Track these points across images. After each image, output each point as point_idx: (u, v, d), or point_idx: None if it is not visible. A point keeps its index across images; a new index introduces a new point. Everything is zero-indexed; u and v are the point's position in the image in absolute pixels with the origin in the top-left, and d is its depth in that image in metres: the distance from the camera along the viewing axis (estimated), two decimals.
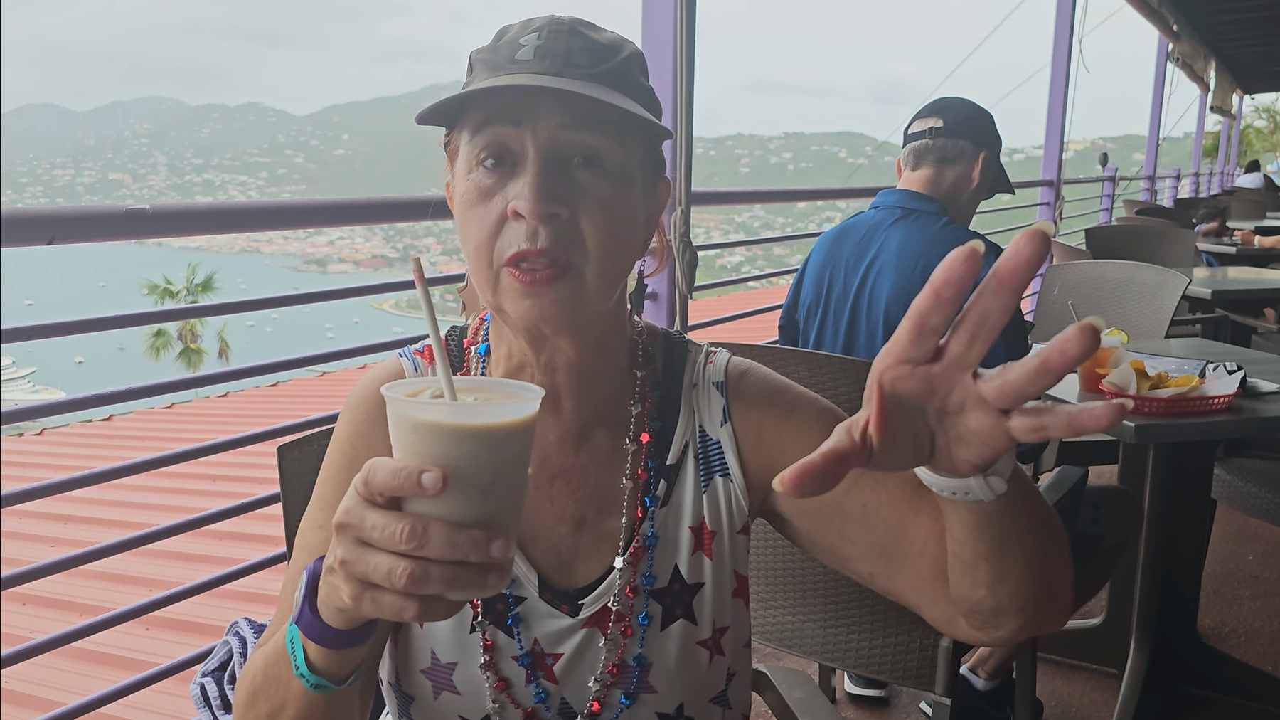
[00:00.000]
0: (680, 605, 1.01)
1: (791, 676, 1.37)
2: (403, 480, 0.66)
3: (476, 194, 0.91)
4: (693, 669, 1.01)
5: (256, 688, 0.87)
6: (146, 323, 1.95)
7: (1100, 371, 2.34)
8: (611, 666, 0.99)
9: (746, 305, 4.38)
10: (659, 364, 1.08)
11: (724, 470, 1.04)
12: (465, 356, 1.07)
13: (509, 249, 0.89)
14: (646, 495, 1.02)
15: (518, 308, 0.90)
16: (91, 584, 3.89)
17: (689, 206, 2.79)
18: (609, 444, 1.03)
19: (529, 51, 0.90)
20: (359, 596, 0.69)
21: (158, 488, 5.24)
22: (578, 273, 0.90)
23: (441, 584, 0.67)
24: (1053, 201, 6.33)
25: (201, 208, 1.87)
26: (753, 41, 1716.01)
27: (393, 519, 0.67)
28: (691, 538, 1.02)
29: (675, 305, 2.81)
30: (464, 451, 0.68)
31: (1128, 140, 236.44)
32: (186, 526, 1.99)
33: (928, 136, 2.39)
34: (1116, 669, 2.68)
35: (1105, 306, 3.52)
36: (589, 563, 1.01)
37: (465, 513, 0.68)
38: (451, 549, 0.66)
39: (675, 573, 1.01)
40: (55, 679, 3.13)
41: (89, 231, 1.56)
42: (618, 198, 0.92)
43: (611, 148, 0.91)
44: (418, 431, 0.68)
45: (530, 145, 0.89)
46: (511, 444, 0.70)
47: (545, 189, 0.88)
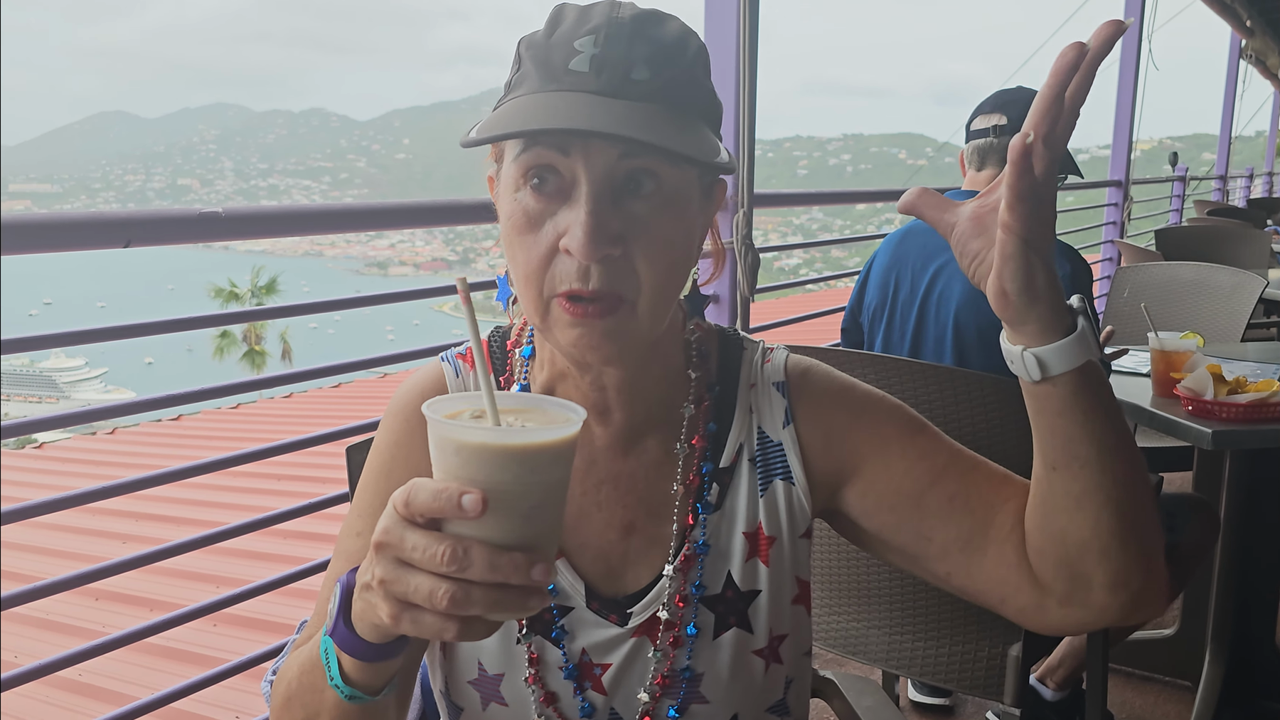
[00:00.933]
0: (734, 614, 0.98)
1: (860, 684, 1.35)
2: (444, 502, 0.66)
3: (524, 219, 0.87)
4: (747, 679, 0.98)
5: (292, 694, 0.87)
6: (212, 325, 1.98)
7: (1175, 376, 2.28)
8: (660, 678, 0.97)
9: (805, 308, 4.34)
10: (714, 363, 1.05)
11: (785, 474, 1.00)
12: (509, 360, 1.04)
13: (560, 285, 0.86)
14: (698, 501, 0.99)
15: (566, 335, 0.87)
16: (161, 580, 3.98)
17: (750, 209, 2.78)
18: (659, 448, 1.00)
19: (584, 61, 0.84)
20: (398, 616, 0.68)
21: (225, 486, 5.34)
22: (629, 308, 0.87)
23: (482, 606, 0.67)
24: (1121, 202, 6.20)
25: (270, 211, 1.90)
26: (809, 42, 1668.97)
27: (434, 540, 0.66)
28: (745, 544, 0.99)
29: (736, 308, 2.80)
30: (506, 475, 0.67)
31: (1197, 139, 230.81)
32: (255, 525, 2.02)
33: (992, 135, 2.34)
34: (1190, 681, 2.61)
35: (1178, 309, 3.44)
36: (639, 569, 0.99)
37: (506, 535, 0.67)
38: (493, 572, 0.66)
39: (729, 580, 0.98)
40: (128, 673, 3.20)
41: (165, 234, 1.60)
42: (673, 224, 0.88)
43: (672, 174, 0.87)
44: (460, 454, 0.67)
45: (582, 175, 0.84)
46: (554, 467, 0.69)
47: (598, 230, 0.83)
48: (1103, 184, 6.20)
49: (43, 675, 1.68)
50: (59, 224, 1.52)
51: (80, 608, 3.86)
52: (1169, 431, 2.23)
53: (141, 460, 6.57)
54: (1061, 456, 0.85)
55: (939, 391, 1.79)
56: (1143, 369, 2.64)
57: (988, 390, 1.82)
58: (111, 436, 7.83)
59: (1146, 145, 9.19)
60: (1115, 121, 6.19)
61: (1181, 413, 2.21)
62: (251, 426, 7.62)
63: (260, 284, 47.70)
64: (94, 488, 1.74)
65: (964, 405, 1.80)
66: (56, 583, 1.71)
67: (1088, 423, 0.83)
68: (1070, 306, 0.83)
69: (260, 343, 46.17)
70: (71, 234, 1.52)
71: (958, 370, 1.92)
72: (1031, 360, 0.82)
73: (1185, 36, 24.87)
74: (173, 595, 3.81)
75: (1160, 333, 2.38)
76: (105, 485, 1.77)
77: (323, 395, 8.84)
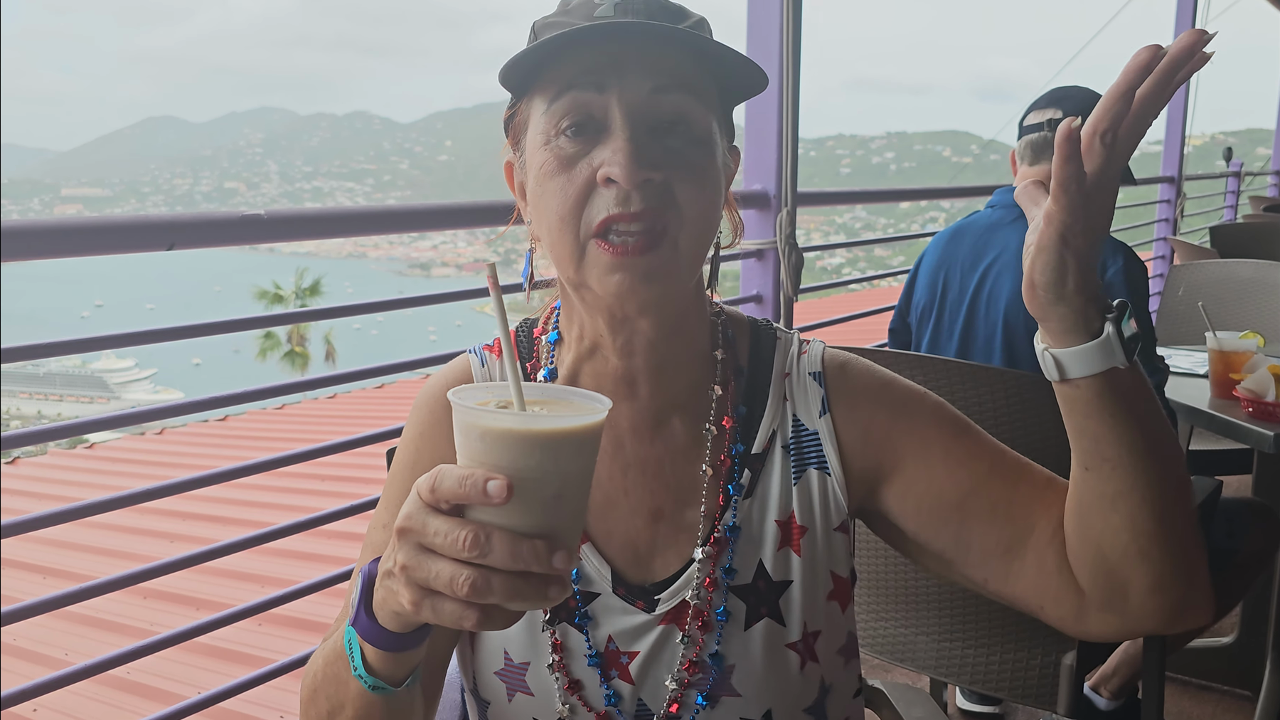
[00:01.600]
0: (765, 604, 0.96)
1: (910, 694, 1.32)
2: (469, 488, 0.66)
3: (557, 162, 0.87)
4: (781, 673, 0.95)
5: (317, 685, 0.87)
6: (257, 326, 2.00)
7: (1235, 377, 2.22)
8: (688, 664, 0.94)
9: (848, 308, 4.29)
10: (743, 349, 1.04)
11: (821, 463, 0.98)
12: (535, 347, 1.04)
13: (599, 215, 0.86)
14: (729, 484, 0.98)
15: (605, 283, 0.86)
16: (208, 579, 4.02)
17: (794, 207, 2.74)
18: (686, 431, 0.99)
19: (608, 9, 0.86)
20: (419, 603, 0.68)
21: (270, 486, 5.39)
22: (672, 241, 0.87)
23: (503, 594, 0.66)
24: (1173, 199, 6.07)
25: (311, 213, 1.91)
26: (852, 39, 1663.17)
27: (456, 525, 0.66)
28: (778, 532, 0.97)
29: (780, 308, 2.77)
30: (530, 462, 0.67)
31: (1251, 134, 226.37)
32: (301, 527, 2.03)
33: (1046, 129, 2.29)
34: (1250, 691, 2.55)
35: (1236, 308, 3.35)
36: (667, 555, 0.97)
37: (529, 523, 0.67)
38: (514, 559, 0.66)
39: (760, 569, 0.96)
40: (175, 672, 3.23)
41: (207, 237, 1.61)
42: (706, 159, 0.89)
43: (700, 113, 0.89)
44: (485, 440, 0.67)
45: (617, 110, 0.86)
46: (579, 455, 0.69)
47: (639, 152, 0.84)
48: (1155, 180, 6.08)
49: (94, 674, 1.70)
50: (105, 228, 1.53)
51: (129, 606, 3.91)
52: (1228, 434, 2.18)
53: (189, 460, 6.67)
54: (1092, 457, 0.84)
55: (989, 392, 1.75)
56: (1200, 369, 2.57)
57: (1040, 391, 1.78)
58: (160, 437, 7.95)
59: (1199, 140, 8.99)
60: (1167, 116, 6.07)
61: (1241, 415, 2.16)
62: (296, 427, 7.70)
63: (304, 286, 48.31)
64: (141, 489, 1.76)
65: (1015, 406, 1.76)
66: (108, 582, 1.73)
67: (1116, 425, 0.82)
68: (1107, 309, 0.81)
69: (304, 344, 46.75)
70: (117, 237, 1.54)
71: (1007, 371, 1.88)
72: (1050, 360, 0.82)
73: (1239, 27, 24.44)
74: (219, 595, 3.85)
75: (1219, 332, 2.32)
76: (152, 486, 1.78)
77: (366, 396, 8.91)
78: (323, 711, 0.86)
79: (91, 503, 1.69)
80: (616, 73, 0.86)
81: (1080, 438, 0.84)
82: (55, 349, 1.61)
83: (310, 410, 8.77)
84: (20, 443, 1.70)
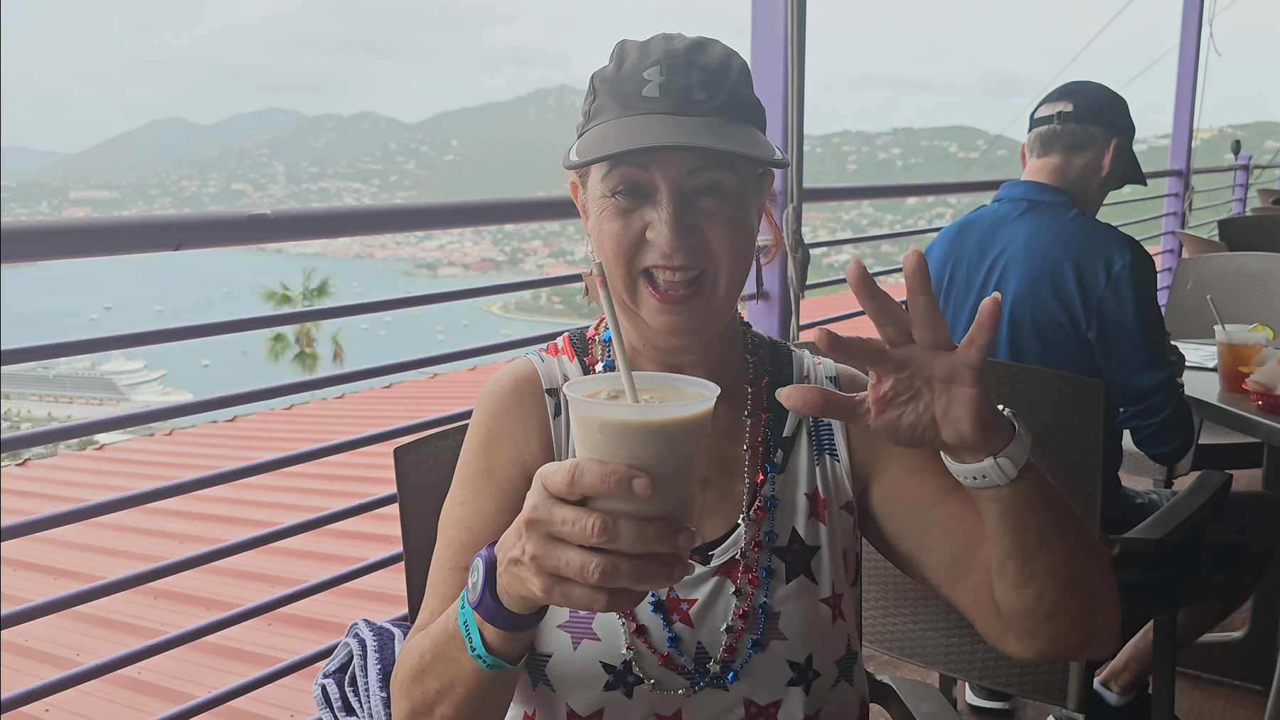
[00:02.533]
0: (800, 564, 1.08)
1: (919, 689, 1.32)
2: (613, 485, 0.71)
3: (614, 212, 1.03)
4: (820, 623, 1.07)
5: (425, 666, 0.93)
6: (264, 326, 1.99)
7: (1244, 370, 2.21)
8: (741, 612, 1.04)
9: (854, 305, 4.28)
10: (766, 357, 1.19)
11: (833, 450, 1.13)
12: (590, 346, 1.17)
13: (646, 261, 1.02)
14: (766, 462, 1.11)
15: (656, 321, 1.03)
16: (217, 579, 4.03)
17: (800, 204, 2.74)
18: (728, 416, 1.13)
19: (654, 89, 1.01)
20: (549, 589, 0.74)
21: (278, 487, 5.40)
22: (711, 283, 1.03)
23: (631, 577, 0.72)
24: (1181, 192, 6.05)
25: (318, 213, 1.91)
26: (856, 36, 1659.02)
27: (583, 514, 0.72)
28: (807, 503, 1.10)
29: (788, 304, 2.76)
30: (650, 450, 0.72)
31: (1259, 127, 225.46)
32: (309, 525, 2.03)
33: (1056, 121, 2.28)
34: (1261, 685, 2.53)
35: (1245, 301, 3.34)
36: (714, 520, 1.09)
37: (651, 507, 0.72)
38: (640, 542, 0.71)
39: (794, 534, 1.09)
40: (185, 671, 3.24)
41: (214, 237, 1.61)
42: (737, 213, 1.04)
43: (731, 177, 1.03)
44: (604, 431, 0.72)
45: (662, 184, 1.01)
46: (691, 440, 0.74)
47: (680, 227, 1.00)
48: (1163, 174, 6.05)
49: (104, 674, 1.70)
50: (112, 228, 1.53)
51: (139, 606, 3.92)
52: (1237, 427, 2.17)
53: (198, 461, 6.68)
54: (1020, 546, 0.92)
55: (994, 386, 1.74)
56: (1209, 363, 2.56)
57: (1045, 385, 1.77)
58: (169, 438, 7.97)
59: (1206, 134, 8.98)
60: (1175, 110, 6.04)
61: (1251, 408, 2.15)
62: (304, 427, 7.71)
63: (312, 286, 48.35)
64: (147, 489, 1.75)
65: (1020, 400, 1.76)
66: (116, 582, 1.73)
67: (1047, 506, 0.91)
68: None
69: (312, 345, 46.81)
70: (124, 238, 1.54)
71: (1014, 365, 1.88)
72: (1006, 463, 0.87)
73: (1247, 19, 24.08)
74: (229, 594, 3.85)
75: (1227, 325, 2.31)
76: (158, 487, 1.78)
77: (374, 396, 8.92)
78: (430, 690, 0.92)
79: (95, 504, 1.68)
80: (659, 158, 1.01)
81: (1006, 534, 0.92)
82: (64, 349, 1.61)
83: (318, 410, 8.78)
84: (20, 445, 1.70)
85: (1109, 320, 2.10)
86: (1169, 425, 2.12)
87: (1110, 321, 2.10)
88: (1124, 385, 2.12)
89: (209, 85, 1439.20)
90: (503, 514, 1.06)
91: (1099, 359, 2.14)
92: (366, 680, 1.10)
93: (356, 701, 1.11)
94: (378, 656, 1.12)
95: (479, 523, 1.06)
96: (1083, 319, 2.12)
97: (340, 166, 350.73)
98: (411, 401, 8.08)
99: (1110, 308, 2.10)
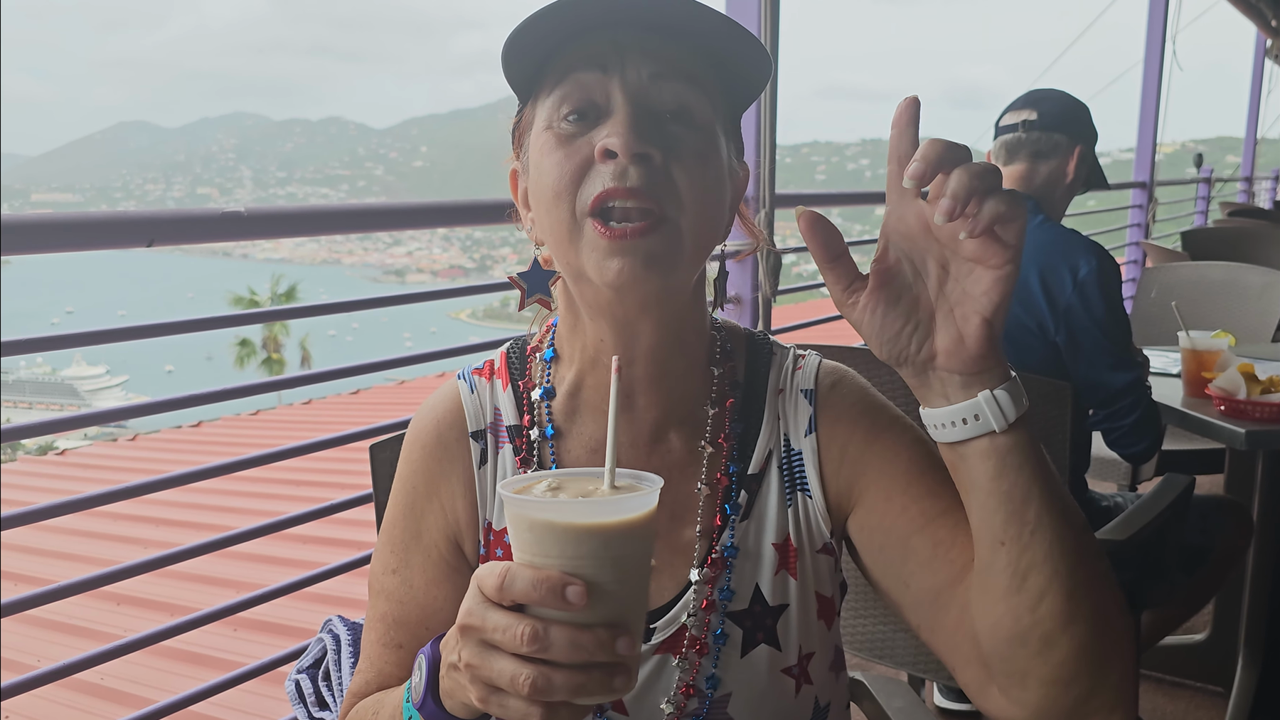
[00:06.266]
0: (762, 629, 0.93)
1: (890, 685, 1.33)
2: (544, 592, 0.65)
3: (556, 140, 0.86)
4: (778, 698, 0.93)
5: None
6: (229, 326, 1.96)
7: (1207, 375, 2.24)
8: (685, 687, 0.92)
9: (827, 312, 4.30)
10: (740, 364, 1.01)
11: (804, 486, 0.96)
12: (528, 365, 1.01)
13: (595, 189, 0.83)
14: (726, 503, 0.95)
15: (604, 270, 0.83)
16: (181, 585, 3.98)
17: (773, 209, 2.75)
18: (683, 447, 0.96)
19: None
20: (485, 699, 0.69)
21: (243, 493, 5.35)
22: (672, 225, 0.84)
23: (566, 690, 0.66)
24: (1145, 203, 6.13)
25: (291, 210, 1.89)
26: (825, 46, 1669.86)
27: (515, 621, 0.66)
28: (775, 555, 0.94)
29: (759, 309, 2.77)
30: (583, 552, 0.66)
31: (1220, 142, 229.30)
32: (272, 528, 2.01)
33: (1021, 130, 2.30)
34: (1223, 687, 2.56)
35: (1208, 309, 3.39)
36: (661, 579, 0.94)
37: (589, 615, 0.66)
38: (575, 651, 0.66)
39: (756, 593, 0.94)
40: (147, 677, 3.20)
41: (187, 233, 1.59)
42: (710, 152, 0.87)
43: (701, 104, 0.87)
44: (534, 531, 0.66)
45: (619, 92, 0.85)
46: (631, 542, 0.67)
47: (638, 124, 0.83)
48: (1127, 185, 6.14)
49: (59, 678, 1.66)
50: (84, 223, 1.51)
51: (102, 612, 3.87)
52: (1201, 432, 2.20)
53: (161, 466, 6.59)
54: (1010, 526, 0.76)
55: None
56: (1173, 369, 2.60)
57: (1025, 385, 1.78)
58: (132, 443, 7.87)
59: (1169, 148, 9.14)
60: (1139, 123, 6.13)
61: (1214, 413, 2.18)
62: (271, 432, 7.64)
63: (280, 291, 47.99)
64: (105, 490, 1.72)
65: None
66: (67, 586, 1.69)
67: (1038, 478, 0.76)
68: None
69: (280, 350, 46.42)
70: (96, 233, 1.51)
71: None
72: (1004, 398, 0.75)
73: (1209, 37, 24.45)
74: (193, 600, 3.81)
75: (1191, 332, 2.34)
76: (116, 488, 1.74)
77: (341, 402, 8.86)
78: None
79: (50, 505, 1.64)
80: (618, 57, 0.86)
81: (1000, 506, 0.76)
82: (26, 346, 1.58)
83: (285, 416, 8.70)
84: None
85: (1077, 324, 2.13)
86: (1139, 427, 2.15)
87: (1078, 325, 2.13)
88: (1094, 387, 2.15)
89: (175, 88, 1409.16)
90: (432, 586, 0.97)
91: (1068, 362, 2.17)
92: (340, 675, 1.09)
93: (330, 696, 1.10)
94: (351, 651, 1.11)
95: (409, 597, 0.97)
96: (1050, 323, 2.15)
97: (308, 171, 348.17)
98: (379, 408, 8.02)
99: (1077, 313, 2.13)
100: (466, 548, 0.98)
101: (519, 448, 0.97)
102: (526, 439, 0.97)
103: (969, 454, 0.76)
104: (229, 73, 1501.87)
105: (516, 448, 0.98)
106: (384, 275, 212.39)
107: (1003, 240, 0.70)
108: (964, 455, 0.77)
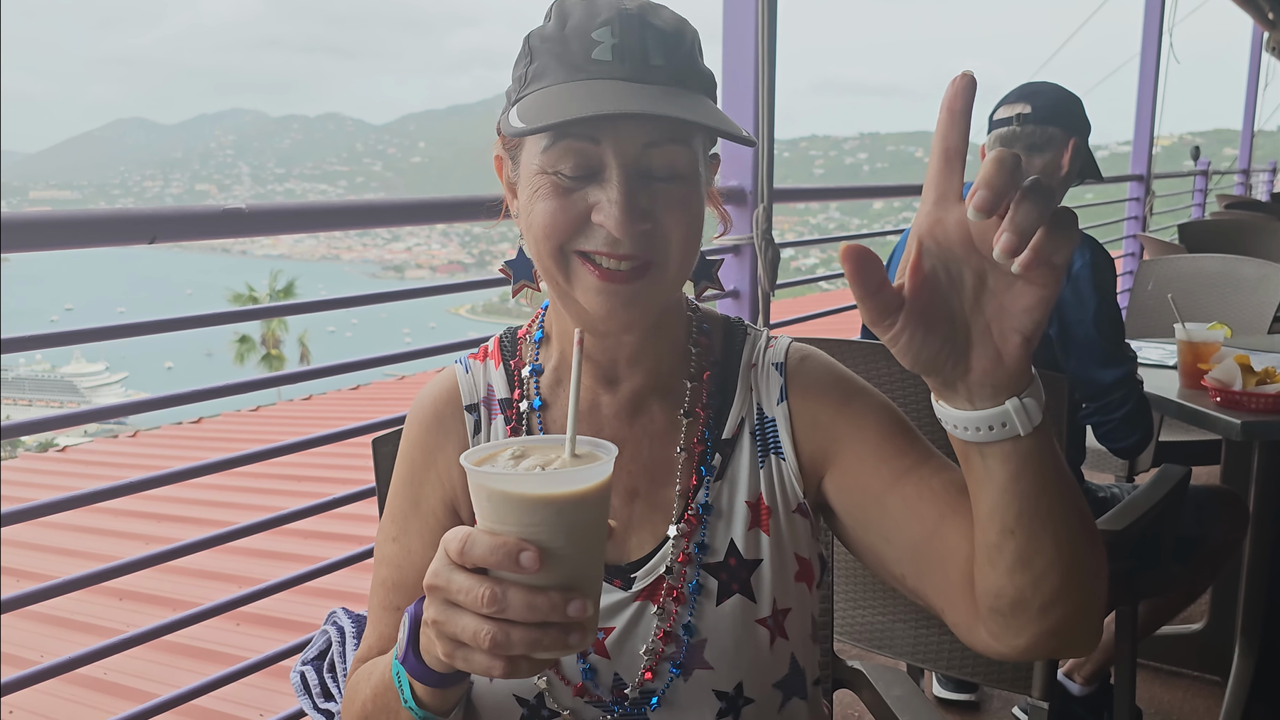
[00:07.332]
0: (737, 580, 1.00)
1: (889, 674, 1.34)
2: (500, 557, 0.70)
3: (552, 188, 0.91)
4: (752, 648, 0.99)
5: (369, 714, 0.93)
6: (228, 322, 1.97)
7: (1203, 367, 2.26)
8: (662, 633, 0.98)
9: (824, 305, 4.31)
10: (716, 343, 1.09)
11: (778, 449, 1.03)
12: (519, 347, 1.10)
13: (587, 246, 0.91)
14: (702, 465, 1.03)
15: (592, 302, 0.91)
16: (184, 581, 3.99)
17: (770, 204, 2.76)
18: (663, 416, 1.04)
19: (606, 51, 0.88)
20: (451, 654, 0.74)
21: (244, 488, 5.36)
22: (659, 269, 0.92)
23: (524, 645, 0.72)
24: (1143, 196, 6.14)
25: (292, 207, 1.90)
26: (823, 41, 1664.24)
27: (476, 583, 0.71)
28: (748, 512, 1.01)
29: (758, 303, 2.78)
30: (537, 520, 0.70)
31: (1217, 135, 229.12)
32: (274, 523, 2.02)
33: (1015, 123, 2.31)
34: (1220, 676, 2.58)
35: (1205, 301, 3.40)
36: (642, 534, 1.02)
37: (543, 578, 0.71)
38: (530, 612, 0.71)
39: (731, 546, 1.00)
40: (150, 671, 3.21)
41: (189, 230, 1.60)
42: (692, 195, 0.93)
43: (688, 157, 0.92)
44: (492, 500, 0.71)
45: (613, 160, 0.89)
46: (583, 510, 0.72)
47: (631, 207, 0.89)
48: (1124, 178, 6.15)
49: (62, 673, 1.67)
50: (87, 221, 1.51)
51: (104, 608, 3.87)
52: (1197, 423, 2.21)
53: (161, 462, 6.60)
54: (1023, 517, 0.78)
55: None
56: (1170, 361, 2.61)
57: None
58: (133, 439, 7.86)
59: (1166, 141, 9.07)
60: (1136, 116, 6.13)
61: (1210, 404, 2.19)
62: (270, 428, 7.63)
63: (278, 288, 47.95)
64: (104, 486, 1.72)
65: None
66: (69, 581, 1.70)
67: (1056, 472, 0.77)
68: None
69: (279, 347, 46.40)
70: (99, 231, 1.52)
71: None
72: (1032, 404, 0.73)
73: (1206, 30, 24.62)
74: (195, 595, 3.82)
75: (1187, 324, 2.36)
76: (117, 484, 1.74)
77: (341, 397, 8.85)
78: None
79: (50, 501, 1.64)
80: (613, 130, 0.89)
81: (1014, 502, 0.77)
82: (22, 343, 1.58)
83: (285, 412, 8.70)
84: None
85: (1069, 318, 2.14)
86: (1129, 420, 2.16)
87: (1070, 319, 2.14)
88: (1084, 381, 2.16)
89: (172, 85, 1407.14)
90: (429, 551, 1.02)
91: (1059, 355, 2.18)
92: (345, 666, 1.10)
93: (335, 687, 1.11)
94: (355, 643, 1.12)
95: (408, 562, 1.03)
96: None
97: (306, 168, 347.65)
98: (379, 403, 8.03)
99: (1070, 306, 2.14)
100: (463, 513, 1.04)
101: (510, 418, 1.06)
102: (516, 410, 1.06)
103: (989, 454, 0.76)
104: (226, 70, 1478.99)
105: (507, 418, 1.06)
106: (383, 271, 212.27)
107: (1052, 261, 0.66)
108: (983, 455, 0.77)
